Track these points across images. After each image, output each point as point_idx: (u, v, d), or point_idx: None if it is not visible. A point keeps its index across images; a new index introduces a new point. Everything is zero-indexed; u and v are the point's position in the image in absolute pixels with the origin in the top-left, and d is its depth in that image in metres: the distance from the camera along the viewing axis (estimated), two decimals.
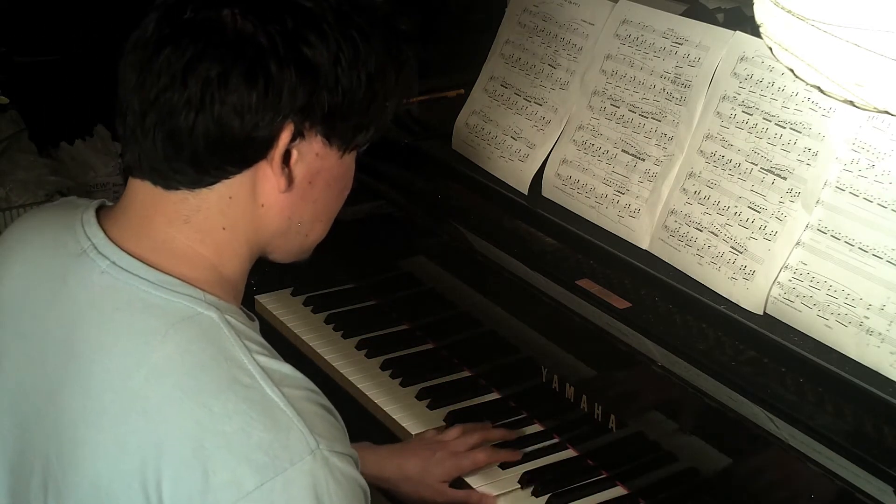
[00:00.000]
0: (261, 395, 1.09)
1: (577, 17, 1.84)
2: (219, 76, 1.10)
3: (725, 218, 1.56)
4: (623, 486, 1.61)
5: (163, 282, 1.14)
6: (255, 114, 1.11)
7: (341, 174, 1.24)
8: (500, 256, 1.78)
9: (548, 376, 1.72)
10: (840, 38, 1.13)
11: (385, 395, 1.84)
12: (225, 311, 1.14)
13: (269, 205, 1.18)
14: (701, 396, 1.45)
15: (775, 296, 1.48)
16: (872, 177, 1.41)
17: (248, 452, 1.06)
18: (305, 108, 1.13)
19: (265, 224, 1.19)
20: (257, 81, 1.10)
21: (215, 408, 1.07)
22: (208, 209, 1.16)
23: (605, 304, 1.59)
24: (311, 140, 1.17)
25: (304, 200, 1.20)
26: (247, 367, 1.10)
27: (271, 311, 2.08)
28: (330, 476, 1.07)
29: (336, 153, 1.20)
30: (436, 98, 2.24)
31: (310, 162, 1.18)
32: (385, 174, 2.04)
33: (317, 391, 1.15)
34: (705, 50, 1.63)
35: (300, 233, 1.24)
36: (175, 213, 1.16)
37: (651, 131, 1.69)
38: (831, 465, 1.29)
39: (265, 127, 1.12)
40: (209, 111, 1.11)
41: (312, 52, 1.12)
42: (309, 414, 1.10)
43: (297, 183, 1.18)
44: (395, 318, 2.03)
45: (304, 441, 1.07)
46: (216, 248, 1.17)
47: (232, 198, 1.16)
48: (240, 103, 1.11)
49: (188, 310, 1.12)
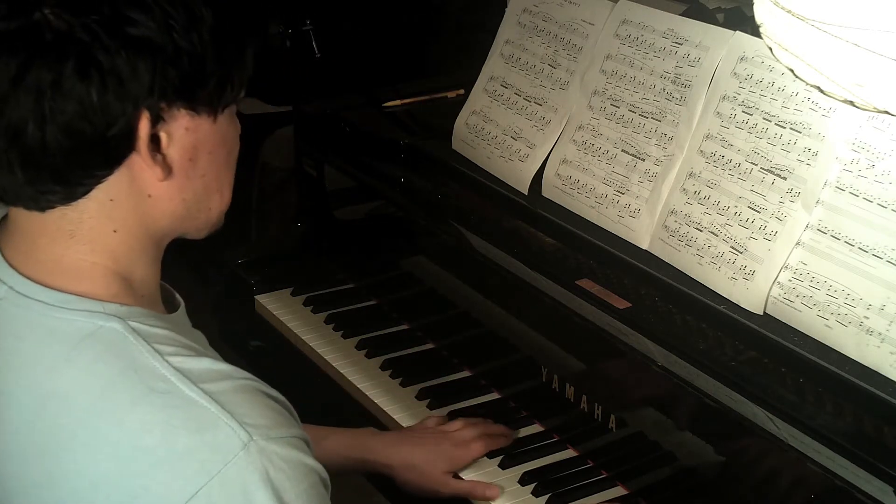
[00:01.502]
0: (180, 399, 1.04)
1: (577, 17, 1.84)
2: (51, 83, 1.02)
3: (725, 218, 1.56)
4: (623, 486, 1.61)
5: (61, 301, 1.09)
6: (102, 112, 1.04)
7: (222, 138, 1.15)
8: (500, 256, 1.78)
9: (548, 376, 1.72)
10: (840, 38, 1.13)
11: (385, 395, 1.83)
12: (128, 318, 1.09)
13: (157, 194, 1.11)
14: (701, 396, 1.45)
15: (775, 296, 1.48)
16: (872, 177, 1.41)
17: (176, 462, 1.02)
18: (153, 88, 1.05)
19: (160, 214, 1.13)
20: (91, 77, 1.02)
21: (133, 424, 1.03)
22: (91, 217, 1.10)
23: (605, 304, 1.59)
24: (175, 117, 1.09)
25: (191, 179, 1.13)
26: (160, 372, 1.05)
27: (271, 311, 2.08)
28: (269, 464, 1.03)
29: (207, 120, 1.12)
30: (436, 98, 2.24)
31: (182, 139, 1.10)
32: (385, 174, 2.04)
33: (248, 377, 1.10)
34: (705, 50, 1.63)
35: (201, 209, 1.16)
36: (58, 231, 1.10)
37: (651, 131, 1.69)
38: (831, 465, 1.29)
39: (119, 122, 1.05)
40: (54, 122, 1.03)
41: (139, 29, 1.04)
42: (236, 405, 1.05)
43: (177, 165, 1.11)
44: (395, 318, 2.03)
45: (233, 436, 1.03)
46: (110, 254, 1.11)
47: (113, 199, 1.09)
48: (82, 106, 1.03)
49: (88, 325, 1.07)
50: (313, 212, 2.25)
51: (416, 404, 1.81)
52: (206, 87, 1.10)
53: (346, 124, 2.16)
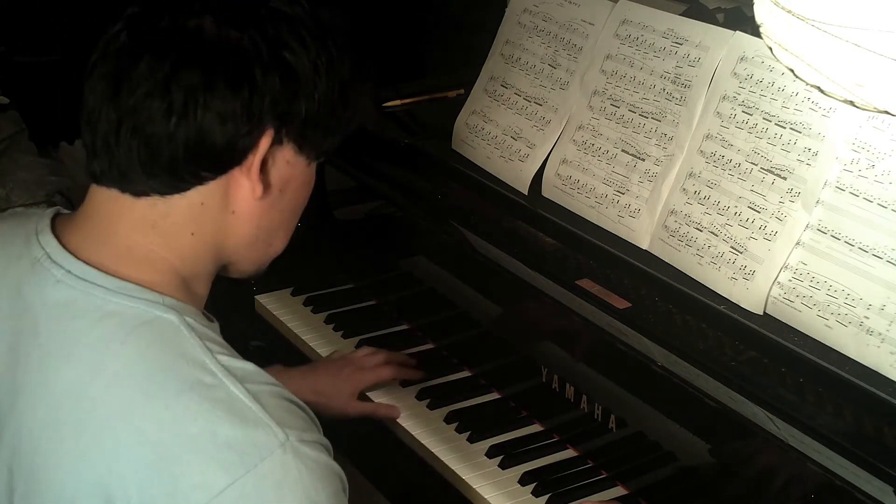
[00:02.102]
0: (225, 394, 1.08)
1: (577, 17, 1.84)
2: (203, 83, 1.09)
3: (725, 218, 1.56)
4: (623, 486, 1.61)
5: (121, 288, 1.12)
6: (237, 121, 1.11)
7: (307, 181, 1.24)
8: (500, 256, 1.78)
9: (548, 376, 1.72)
10: (840, 38, 1.13)
11: (385, 396, 1.83)
12: (184, 313, 1.13)
13: (240, 212, 1.18)
14: (701, 396, 1.45)
15: (775, 296, 1.48)
16: (872, 177, 1.41)
17: (216, 452, 1.05)
18: (285, 114, 1.14)
19: (233, 232, 1.19)
20: (242, 88, 1.10)
21: (178, 410, 1.07)
22: (178, 214, 1.15)
23: (605, 304, 1.59)
24: (284, 146, 1.17)
25: (273, 209, 1.20)
26: (209, 366, 1.09)
27: (271, 311, 2.08)
28: (302, 466, 1.07)
29: (305, 161, 1.21)
30: (436, 98, 2.24)
31: (281, 169, 1.18)
32: (385, 174, 2.04)
33: (280, 385, 1.15)
34: (705, 50, 1.63)
35: (265, 242, 1.23)
36: (142, 219, 1.15)
37: (651, 131, 1.69)
38: (831, 465, 1.29)
39: (246, 134, 1.12)
40: (192, 118, 1.10)
41: (294, 58, 1.13)
42: (275, 407, 1.10)
43: (271, 190, 1.18)
44: (395, 318, 2.03)
45: (272, 435, 1.07)
46: (180, 253, 1.16)
47: (203, 204, 1.15)
48: (223, 110, 1.10)
49: (147, 314, 1.11)
50: (313, 212, 2.24)
51: (416, 404, 1.81)
52: (318, 131, 1.18)
53: None
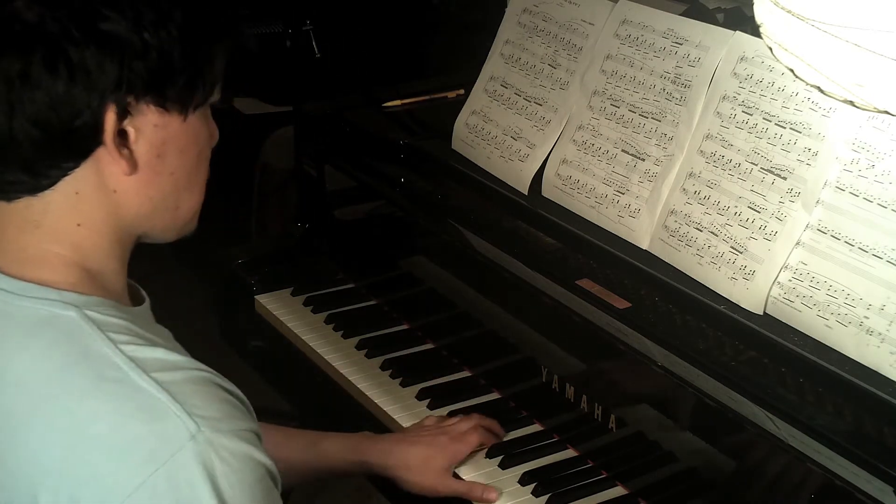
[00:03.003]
0: (131, 388, 1.05)
1: (577, 17, 1.84)
2: (20, 74, 1.04)
3: (725, 218, 1.56)
4: (623, 486, 1.61)
5: (18, 289, 1.10)
6: (69, 103, 1.06)
7: (193, 137, 1.16)
8: (500, 256, 1.78)
9: (548, 376, 1.72)
10: (840, 38, 1.13)
11: (385, 395, 1.83)
12: (85, 307, 1.10)
13: (123, 189, 1.12)
14: (701, 396, 1.45)
15: (775, 296, 1.48)
16: (872, 177, 1.41)
17: (125, 450, 1.03)
18: (120, 82, 1.07)
19: (125, 210, 1.14)
20: (59, 70, 1.05)
21: (82, 411, 1.04)
22: (57, 209, 1.11)
23: (605, 304, 1.59)
24: (144, 113, 1.10)
25: (159, 175, 1.14)
26: (112, 360, 1.06)
27: (271, 311, 2.08)
28: (216, 457, 1.03)
29: (177, 118, 1.13)
30: (436, 98, 2.24)
31: (151, 135, 1.11)
32: (385, 174, 2.04)
33: (202, 369, 1.11)
34: (705, 50, 1.63)
35: (168, 208, 1.17)
36: (24, 221, 1.12)
37: (651, 131, 1.69)
38: (831, 465, 1.29)
39: (85, 114, 1.06)
40: (22, 113, 1.05)
41: (110, 24, 1.06)
42: (187, 396, 1.05)
43: (144, 160, 1.12)
44: (395, 318, 2.03)
45: (182, 427, 1.03)
46: (74, 247, 1.13)
47: (79, 192, 1.11)
48: (49, 97, 1.05)
49: (45, 313, 1.09)
50: (313, 212, 2.25)
51: (416, 404, 1.81)
52: (175, 85, 1.11)
53: (346, 124, 2.16)
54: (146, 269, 1.30)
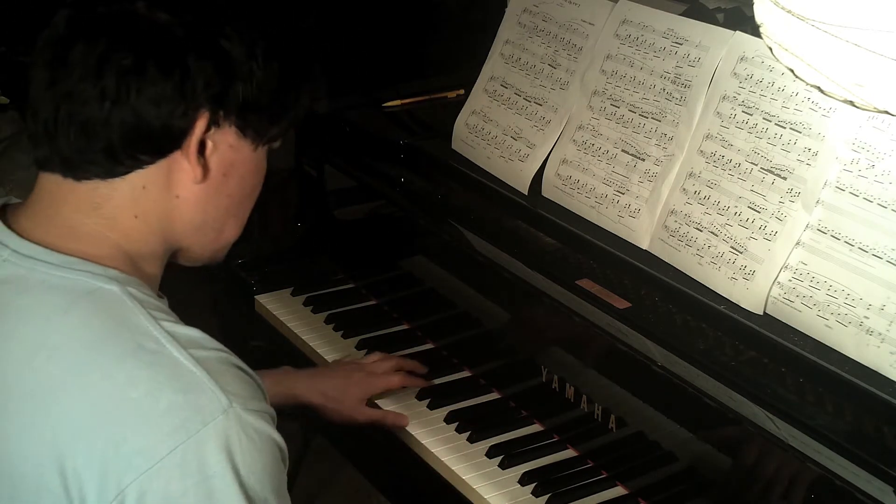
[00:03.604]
0: (168, 359, 1.09)
1: (577, 17, 1.84)
2: (134, 66, 1.11)
3: (725, 218, 1.56)
4: (623, 486, 1.61)
5: (64, 262, 1.14)
6: (170, 103, 1.12)
7: (255, 168, 1.24)
8: (500, 256, 1.78)
9: (548, 376, 1.72)
10: (840, 38, 1.13)
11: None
12: (126, 284, 1.14)
13: (184, 196, 1.19)
14: (701, 396, 1.45)
15: (775, 296, 1.48)
16: (872, 177, 1.41)
17: (158, 417, 1.06)
18: (220, 97, 1.15)
19: (179, 216, 1.20)
20: (173, 72, 1.12)
21: (119, 376, 1.08)
22: (120, 198, 1.17)
23: (605, 304, 1.59)
24: (225, 131, 1.18)
25: (218, 193, 1.21)
26: (152, 332, 1.11)
27: (271, 311, 2.08)
28: (242, 433, 1.08)
29: (250, 145, 1.21)
30: (436, 98, 2.24)
31: (224, 153, 1.19)
32: (385, 174, 2.04)
33: (228, 352, 1.15)
34: (705, 50, 1.63)
35: (215, 228, 1.24)
36: (85, 202, 1.17)
37: (651, 131, 1.69)
38: (831, 465, 1.29)
39: (180, 116, 1.13)
40: (125, 101, 1.12)
41: (229, 44, 1.15)
42: (221, 373, 1.10)
43: (212, 174, 1.19)
44: (395, 318, 2.03)
45: (216, 400, 1.08)
46: (125, 234, 1.18)
47: (145, 187, 1.17)
48: (155, 93, 1.12)
49: (88, 285, 1.13)
50: (313, 212, 2.25)
51: (416, 404, 1.81)
52: (261, 116, 1.19)
53: (346, 124, 2.16)
54: None
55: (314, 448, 2.36)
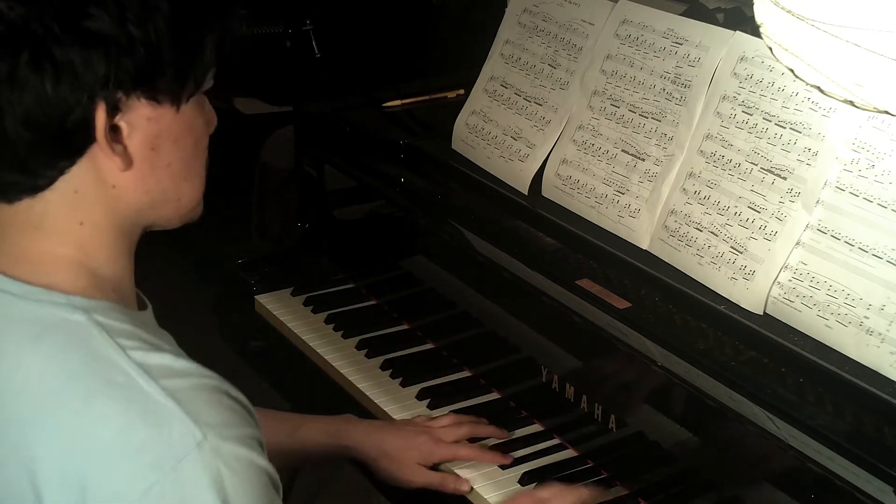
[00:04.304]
0: (138, 394, 1.04)
1: (577, 17, 1.84)
2: (7, 76, 1.03)
3: (725, 218, 1.56)
4: (623, 486, 1.61)
5: (25, 293, 1.09)
6: (57, 103, 1.04)
7: (187, 127, 1.14)
8: (500, 256, 1.78)
9: (548, 376, 1.72)
10: (840, 38, 1.13)
11: (385, 395, 1.83)
12: (93, 311, 1.09)
13: (121, 185, 1.11)
14: (701, 396, 1.45)
15: (775, 296, 1.48)
16: (872, 177, 1.41)
17: (131, 457, 1.02)
18: (109, 79, 1.05)
19: (125, 204, 1.13)
20: (45, 70, 1.03)
21: (89, 414, 1.04)
22: (57, 209, 1.10)
23: (605, 304, 1.59)
24: (135, 107, 1.09)
25: (155, 168, 1.13)
26: (120, 365, 1.06)
27: (271, 311, 2.08)
28: (223, 464, 1.04)
29: (170, 109, 1.11)
30: (436, 98, 2.24)
31: (143, 129, 1.10)
32: (385, 174, 2.04)
33: (208, 375, 1.10)
34: (705, 50, 1.63)
35: (169, 199, 1.16)
36: (25, 223, 1.11)
37: (651, 131, 1.69)
38: (831, 465, 1.29)
39: (75, 112, 1.05)
40: (12, 114, 1.05)
41: (94, 22, 1.04)
42: (193, 403, 1.05)
43: (139, 155, 1.11)
44: (395, 318, 2.03)
45: (188, 434, 1.03)
46: (78, 246, 1.12)
47: (77, 191, 1.10)
48: (37, 97, 1.04)
49: (53, 317, 1.08)
50: (313, 212, 2.25)
51: (416, 404, 1.81)
52: (165, 78, 1.09)
53: (346, 124, 2.16)
54: (146, 269, 1.30)
55: None
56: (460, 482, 1.62)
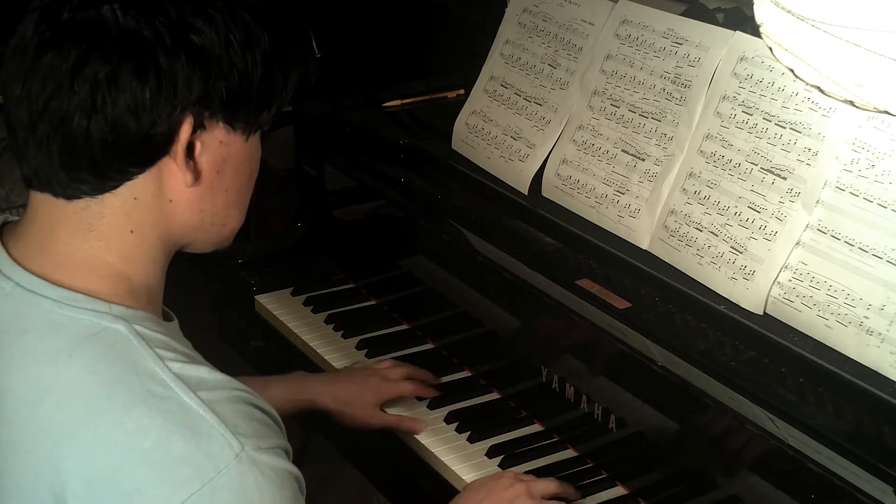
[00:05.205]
0: (177, 405, 1.06)
1: (577, 17, 1.84)
2: (108, 77, 1.06)
3: (725, 218, 1.56)
4: (623, 486, 1.61)
5: (67, 299, 1.10)
6: (150, 111, 1.07)
7: (248, 158, 1.19)
8: (500, 256, 1.78)
9: (548, 376, 1.72)
10: (840, 38, 1.13)
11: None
12: (133, 321, 1.10)
13: (178, 200, 1.14)
14: (701, 396, 1.45)
15: (775, 296, 1.48)
16: (872, 177, 1.41)
17: (170, 467, 1.03)
18: (202, 97, 1.09)
19: (176, 220, 1.16)
20: (148, 77, 1.07)
21: (129, 425, 1.04)
22: (112, 214, 1.12)
23: (605, 304, 1.59)
24: (212, 129, 1.13)
25: (214, 191, 1.16)
26: (160, 377, 1.07)
27: (271, 311, 2.08)
28: (259, 474, 1.06)
29: (240, 137, 1.16)
30: (436, 98, 2.24)
31: (215, 151, 1.14)
32: (385, 174, 2.04)
33: (240, 388, 1.12)
34: (705, 50, 1.63)
35: (215, 223, 1.19)
36: (78, 223, 1.12)
37: (651, 131, 1.69)
38: (831, 465, 1.29)
39: (163, 123, 1.09)
40: (102, 114, 1.07)
41: (201, 38, 1.08)
42: (230, 415, 1.07)
43: (205, 174, 1.14)
44: (395, 318, 2.03)
45: (227, 446, 1.05)
46: (123, 255, 1.13)
47: (137, 199, 1.12)
48: (133, 102, 1.07)
49: (94, 325, 1.09)
50: (313, 212, 2.25)
51: (416, 404, 1.81)
52: (248, 107, 1.14)
53: (346, 124, 2.16)
54: None
55: (314, 448, 2.36)
56: (415, 423, 1.73)
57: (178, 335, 1.19)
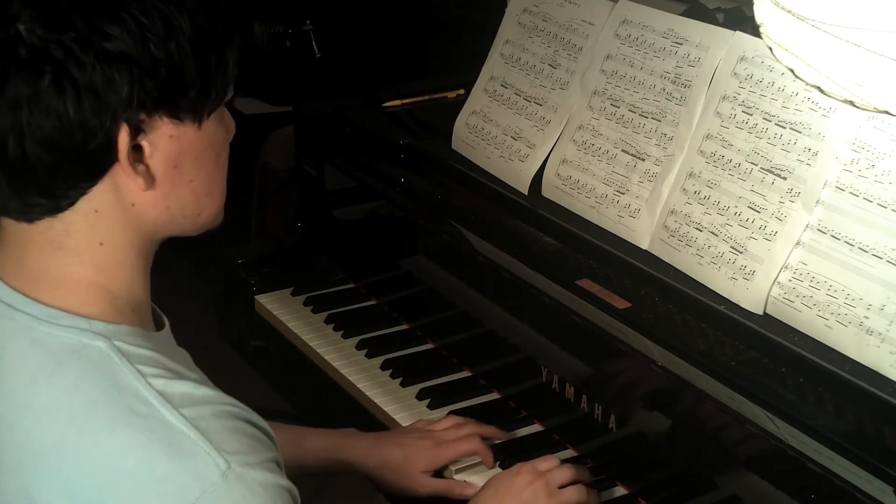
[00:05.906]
0: (160, 423, 1.04)
1: (577, 17, 1.84)
2: (28, 99, 1.03)
3: (725, 218, 1.56)
4: (623, 486, 1.61)
5: (47, 315, 1.09)
6: (80, 127, 1.04)
7: (209, 143, 1.14)
8: (500, 256, 1.78)
9: (548, 376, 1.72)
10: (840, 38, 1.13)
11: (385, 395, 1.83)
12: (114, 337, 1.09)
13: (140, 203, 1.11)
14: (701, 396, 1.45)
15: (775, 296, 1.48)
16: (872, 177, 1.41)
17: (155, 487, 1.02)
18: (132, 101, 1.05)
19: (145, 221, 1.13)
20: (67, 93, 1.03)
21: (112, 444, 1.03)
22: (78, 230, 1.10)
23: (605, 304, 1.59)
24: (157, 127, 1.09)
25: (177, 186, 1.13)
26: (142, 394, 1.05)
27: (271, 311, 2.08)
28: (248, 491, 1.04)
29: (192, 127, 1.11)
30: (436, 98, 2.24)
31: (166, 147, 1.10)
32: (385, 174, 2.04)
33: (228, 402, 1.10)
34: (705, 50, 1.63)
35: (188, 216, 1.16)
36: (47, 242, 1.10)
37: (651, 131, 1.69)
38: (831, 465, 1.29)
39: (98, 135, 1.05)
40: (32, 137, 1.04)
41: (115, 43, 1.04)
42: (216, 432, 1.05)
43: (160, 173, 1.10)
44: (395, 318, 2.03)
45: (212, 464, 1.03)
46: (98, 267, 1.11)
47: (98, 211, 1.10)
48: (59, 121, 1.03)
49: (74, 343, 1.07)
50: (313, 212, 2.25)
51: (416, 404, 1.81)
52: (187, 96, 1.09)
53: (346, 124, 2.16)
54: None
55: None
56: (466, 487, 1.61)
57: (167, 345, 1.17)
